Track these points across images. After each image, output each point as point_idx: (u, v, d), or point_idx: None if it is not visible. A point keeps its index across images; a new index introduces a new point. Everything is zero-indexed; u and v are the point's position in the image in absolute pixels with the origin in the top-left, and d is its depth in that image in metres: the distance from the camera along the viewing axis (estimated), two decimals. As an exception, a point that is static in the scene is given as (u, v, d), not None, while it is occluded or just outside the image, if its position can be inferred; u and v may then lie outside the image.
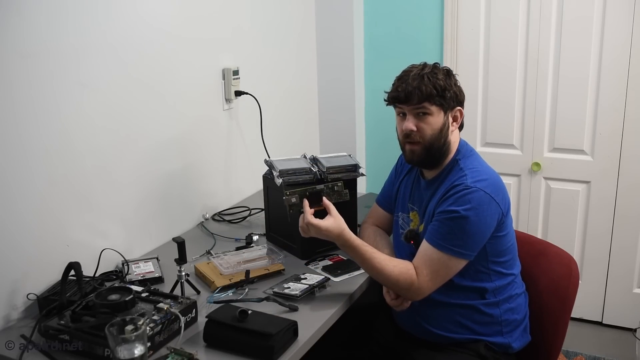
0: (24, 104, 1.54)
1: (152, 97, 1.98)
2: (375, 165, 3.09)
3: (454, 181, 1.59)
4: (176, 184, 2.14)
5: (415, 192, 1.75)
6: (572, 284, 1.71)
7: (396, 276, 1.58)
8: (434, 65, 1.64)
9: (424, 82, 1.58)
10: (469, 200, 1.53)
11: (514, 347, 1.66)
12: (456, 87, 1.64)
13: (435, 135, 1.61)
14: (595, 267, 2.86)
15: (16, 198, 1.55)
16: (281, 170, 1.88)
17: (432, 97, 1.58)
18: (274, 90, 2.66)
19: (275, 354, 1.35)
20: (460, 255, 1.55)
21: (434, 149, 1.62)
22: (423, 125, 1.60)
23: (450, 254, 1.54)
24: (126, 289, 1.45)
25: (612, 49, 2.60)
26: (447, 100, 1.60)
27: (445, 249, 1.54)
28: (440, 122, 1.61)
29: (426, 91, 1.57)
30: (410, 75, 1.60)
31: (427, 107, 1.59)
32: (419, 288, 1.57)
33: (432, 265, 1.56)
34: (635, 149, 2.67)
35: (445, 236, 1.54)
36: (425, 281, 1.56)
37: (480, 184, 1.55)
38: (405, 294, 1.61)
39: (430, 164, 1.67)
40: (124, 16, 1.83)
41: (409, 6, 2.95)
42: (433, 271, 1.56)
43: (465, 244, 1.54)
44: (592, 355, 2.69)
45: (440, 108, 1.60)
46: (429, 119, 1.60)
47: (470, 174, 1.58)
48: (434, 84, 1.58)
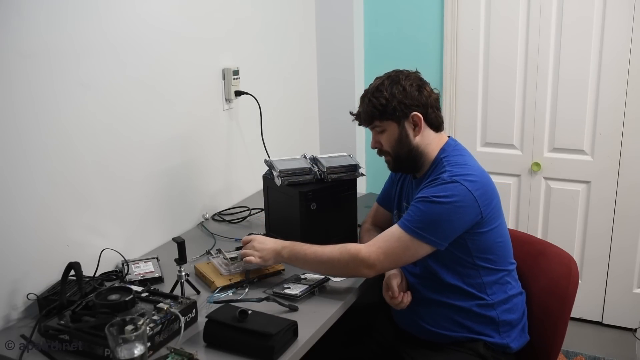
0: (24, 104, 1.54)
1: (152, 97, 1.98)
2: (375, 165, 3.08)
3: (435, 175, 1.62)
4: (176, 184, 2.14)
5: (409, 191, 1.78)
6: (572, 283, 1.71)
7: (338, 252, 1.60)
8: (386, 77, 1.68)
9: (365, 104, 1.67)
10: (444, 189, 1.54)
11: (512, 347, 1.66)
12: (402, 95, 1.63)
13: (396, 146, 1.67)
14: (595, 267, 2.86)
15: (16, 198, 1.55)
16: (281, 170, 1.88)
17: (375, 116, 1.66)
18: (274, 90, 2.66)
19: (275, 354, 1.35)
20: (423, 239, 1.54)
21: (402, 158, 1.68)
22: (382, 140, 1.69)
23: (413, 236, 1.54)
24: (126, 289, 1.44)
25: (612, 49, 2.60)
26: (394, 112, 1.63)
27: (409, 229, 1.54)
28: (396, 134, 1.66)
29: (369, 112, 1.66)
30: (360, 98, 1.70)
31: (378, 124, 1.67)
32: (367, 257, 1.56)
33: (391, 241, 1.57)
34: (635, 149, 2.67)
35: (413, 218, 1.55)
36: (375, 252, 1.56)
37: (460, 178, 1.55)
38: (355, 267, 1.59)
39: (408, 169, 1.74)
40: (124, 16, 1.83)
41: (409, 6, 2.95)
42: (389, 247, 1.56)
43: (430, 229, 1.53)
44: (592, 355, 2.70)
45: (392, 121, 1.65)
46: (384, 135, 1.68)
47: (452, 168, 1.60)
48: (374, 104, 1.64)
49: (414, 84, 1.65)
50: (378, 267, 1.58)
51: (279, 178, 1.87)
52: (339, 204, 1.92)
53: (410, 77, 1.66)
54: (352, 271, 1.63)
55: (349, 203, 1.96)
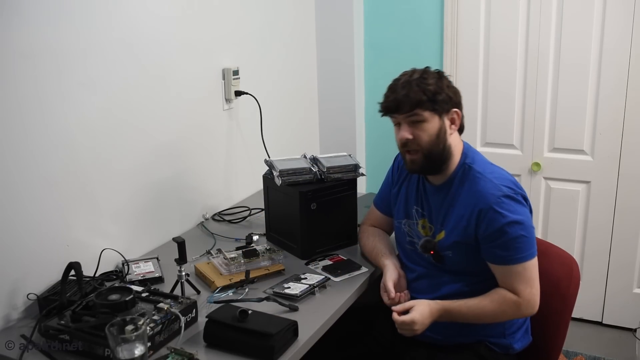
0: (23, 104, 1.54)
1: (152, 97, 1.98)
2: (375, 166, 3.09)
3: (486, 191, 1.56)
4: (176, 184, 2.14)
5: (423, 198, 1.71)
6: (573, 284, 1.71)
7: (500, 308, 1.56)
8: (424, 70, 1.61)
9: (412, 89, 1.55)
10: (516, 207, 1.54)
11: (515, 348, 1.66)
12: (449, 89, 1.59)
13: (433, 141, 1.57)
14: (595, 266, 2.86)
15: (16, 198, 1.55)
16: (281, 170, 1.88)
17: (422, 103, 1.54)
18: (274, 90, 2.66)
19: (275, 354, 1.35)
20: (536, 253, 1.57)
21: (434, 155, 1.59)
22: (418, 132, 1.57)
23: (532, 258, 1.56)
24: (126, 289, 1.44)
25: (612, 49, 2.60)
26: (440, 104, 1.56)
27: (533, 256, 1.56)
28: (436, 127, 1.57)
29: (415, 98, 1.54)
30: (398, 84, 1.58)
31: (420, 114, 1.55)
32: (528, 302, 1.56)
33: (526, 276, 1.55)
34: (635, 149, 2.67)
35: (519, 248, 1.53)
36: (530, 292, 1.55)
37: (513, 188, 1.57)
38: (520, 314, 1.61)
39: (432, 170, 1.65)
40: (124, 17, 1.83)
41: (409, 6, 2.95)
42: (530, 280, 1.55)
43: (533, 242, 1.56)
44: (592, 355, 2.69)
45: (434, 112, 1.56)
46: (424, 126, 1.56)
47: (497, 180, 1.58)
48: (422, 89, 1.54)
49: (452, 83, 1.63)
50: (538, 300, 1.58)
51: (279, 178, 1.87)
52: (339, 204, 1.92)
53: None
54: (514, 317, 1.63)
55: (349, 203, 1.96)
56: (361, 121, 3.14)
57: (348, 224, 1.98)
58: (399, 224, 1.78)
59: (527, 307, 1.57)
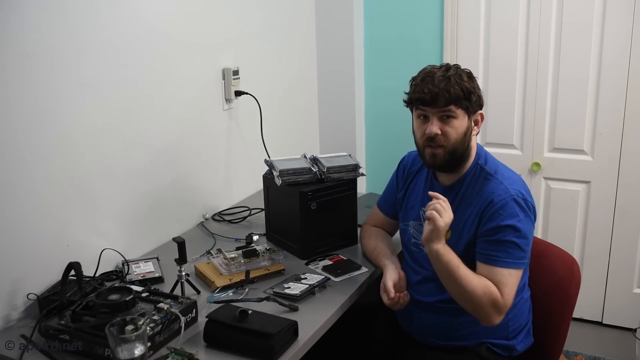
0: (24, 104, 1.54)
1: (152, 97, 1.98)
2: (375, 165, 3.09)
3: (495, 191, 1.56)
4: (176, 184, 2.14)
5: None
6: (574, 285, 1.70)
7: (480, 294, 1.49)
8: (456, 66, 1.60)
9: (451, 84, 1.53)
10: (519, 212, 1.53)
11: (517, 349, 1.65)
12: (479, 90, 1.59)
13: (460, 139, 1.56)
14: (595, 267, 2.86)
15: (16, 198, 1.55)
16: (281, 170, 1.88)
17: (459, 99, 1.53)
18: (274, 90, 2.66)
19: (275, 354, 1.35)
20: (525, 266, 1.56)
21: (457, 154, 1.58)
22: (448, 129, 1.55)
23: (519, 268, 1.54)
24: (126, 289, 1.44)
25: (612, 49, 2.60)
26: (472, 104, 1.57)
27: (519, 265, 1.53)
28: (465, 126, 1.57)
29: (454, 93, 1.53)
30: (435, 77, 1.55)
31: (453, 110, 1.54)
32: (504, 306, 1.51)
33: (510, 283, 1.52)
34: (635, 149, 2.67)
35: (508, 253, 1.52)
36: (509, 300, 1.52)
37: (522, 194, 1.56)
38: (489, 313, 1.51)
39: (451, 168, 1.63)
40: (123, 16, 1.83)
41: (409, 6, 2.94)
42: (511, 288, 1.52)
43: (525, 254, 1.55)
44: (592, 355, 2.69)
45: (465, 111, 1.56)
46: (454, 123, 1.55)
47: (508, 183, 1.57)
48: (460, 86, 1.53)
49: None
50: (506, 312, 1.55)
51: (279, 178, 1.87)
52: (339, 204, 1.92)
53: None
54: (482, 313, 1.52)
55: (349, 203, 1.96)
56: (361, 121, 3.14)
57: (348, 224, 1.98)
58: (405, 226, 1.77)
59: (500, 310, 1.51)
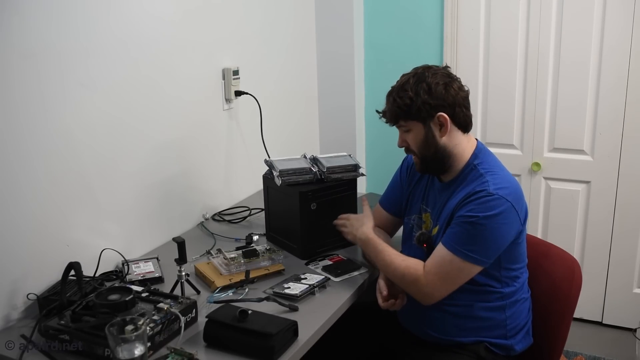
0: (23, 104, 1.54)
1: (152, 97, 1.98)
2: (375, 165, 3.09)
3: (475, 186, 1.56)
4: (176, 184, 2.14)
5: (430, 193, 1.73)
6: (575, 286, 1.70)
7: (402, 270, 1.59)
8: (412, 73, 1.61)
9: (390, 103, 1.62)
10: (491, 208, 1.50)
11: (516, 349, 1.66)
12: (427, 94, 1.56)
13: (423, 146, 1.62)
14: (596, 267, 2.86)
15: (16, 198, 1.55)
16: (281, 170, 1.88)
17: (399, 116, 1.61)
18: (274, 90, 2.66)
19: (275, 354, 1.35)
20: (474, 261, 1.53)
21: (429, 159, 1.63)
22: (408, 140, 1.64)
23: (465, 259, 1.52)
24: (126, 289, 1.44)
25: (612, 49, 2.60)
26: (418, 113, 1.58)
27: (461, 253, 1.52)
28: (422, 134, 1.60)
29: (393, 112, 1.61)
30: (388, 96, 1.63)
31: (404, 124, 1.62)
32: (425, 286, 1.56)
33: (444, 267, 1.54)
34: (635, 149, 2.67)
35: (462, 240, 1.52)
36: (434, 281, 1.55)
37: (502, 192, 1.52)
38: (413, 291, 1.60)
39: (436, 171, 1.67)
40: (124, 16, 1.83)
41: (409, 6, 2.95)
42: (444, 273, 1.54)
43: (481, 249, 1.52)
44: (592, 355, 2.69)
45: (417, 121, 1.59)
46: (410, 135, 1.63)
47: (492, 180, 1.55)
48: (398, 104, 1.59)
49: (441, 82, 1.57)
50: (437, 295, 1.57)
51: (279, 178, 1.87)
52: (339, 204, 1.92)
53: (438, 74, 1.58)
54: (412, 293, 1.62)
55: (349, 203, 1.96)
56: (361, 121, 3.14)
57: (348, 224, 1.97)
58: (408, 220, 1.80)
59: (421, 290, 1.57)
